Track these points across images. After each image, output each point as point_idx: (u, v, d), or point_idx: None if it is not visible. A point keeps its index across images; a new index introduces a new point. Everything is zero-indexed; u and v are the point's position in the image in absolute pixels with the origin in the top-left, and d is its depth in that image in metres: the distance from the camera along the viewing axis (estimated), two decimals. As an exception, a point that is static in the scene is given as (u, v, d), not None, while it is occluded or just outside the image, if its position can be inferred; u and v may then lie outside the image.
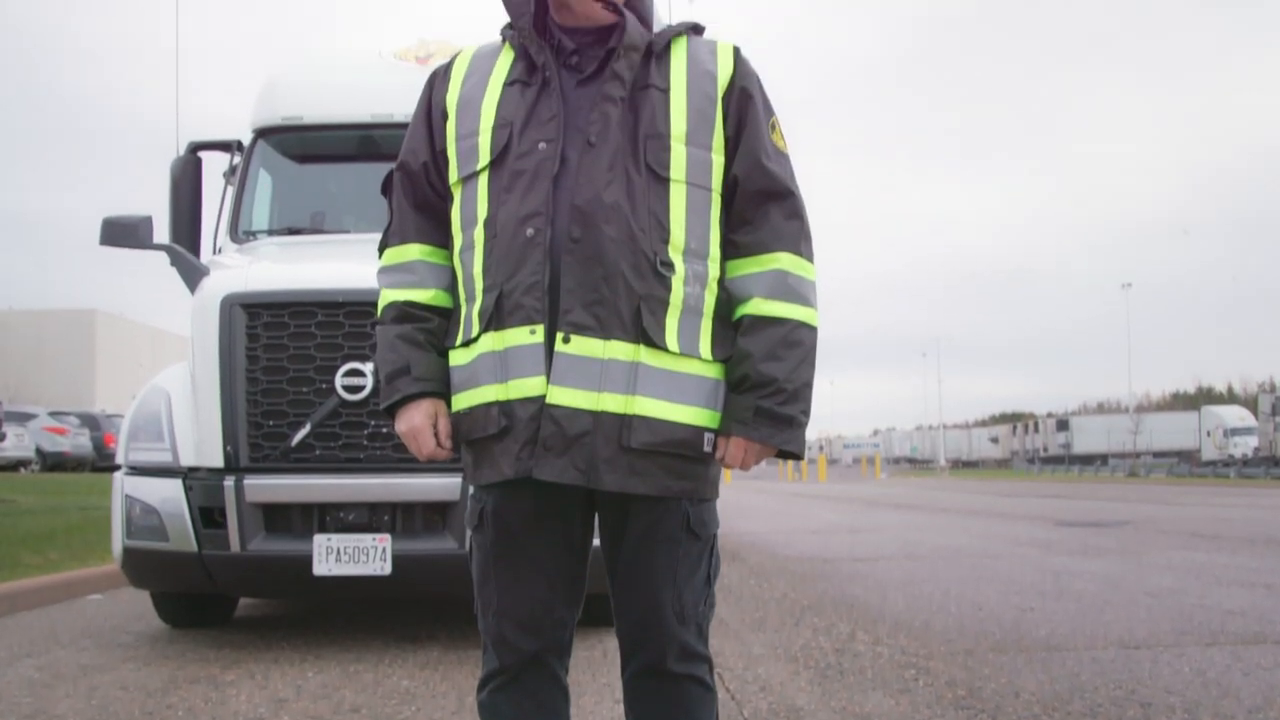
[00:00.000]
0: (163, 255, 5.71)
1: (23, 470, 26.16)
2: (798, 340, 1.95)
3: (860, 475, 56.10)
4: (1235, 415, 55.27)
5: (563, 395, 1.85)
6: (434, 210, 2.07)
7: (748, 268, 1.97)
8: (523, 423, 1.86)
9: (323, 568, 4.67)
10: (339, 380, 4.81)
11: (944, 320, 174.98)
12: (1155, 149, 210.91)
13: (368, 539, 4.69)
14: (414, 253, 2.06)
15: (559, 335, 1.85)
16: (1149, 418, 67.91)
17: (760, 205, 1.98)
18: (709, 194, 1.96)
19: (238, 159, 6.19)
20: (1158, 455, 56.38)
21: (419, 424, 2.00)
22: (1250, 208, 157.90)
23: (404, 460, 4.69)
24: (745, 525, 14.46)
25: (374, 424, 4.79)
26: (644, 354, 1.88)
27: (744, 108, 1.98)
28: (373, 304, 2.17)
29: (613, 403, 1.86)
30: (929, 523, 15.06)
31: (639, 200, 1.90)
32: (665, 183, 1.92)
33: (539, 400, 1.85)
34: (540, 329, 1.86)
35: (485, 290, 1.93)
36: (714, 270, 1.97)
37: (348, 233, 5.99)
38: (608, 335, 1.86)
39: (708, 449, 1.94)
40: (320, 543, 4.68)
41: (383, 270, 2.10)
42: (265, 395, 4.83)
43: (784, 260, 1.97)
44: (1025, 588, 7.23)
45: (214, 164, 6.33)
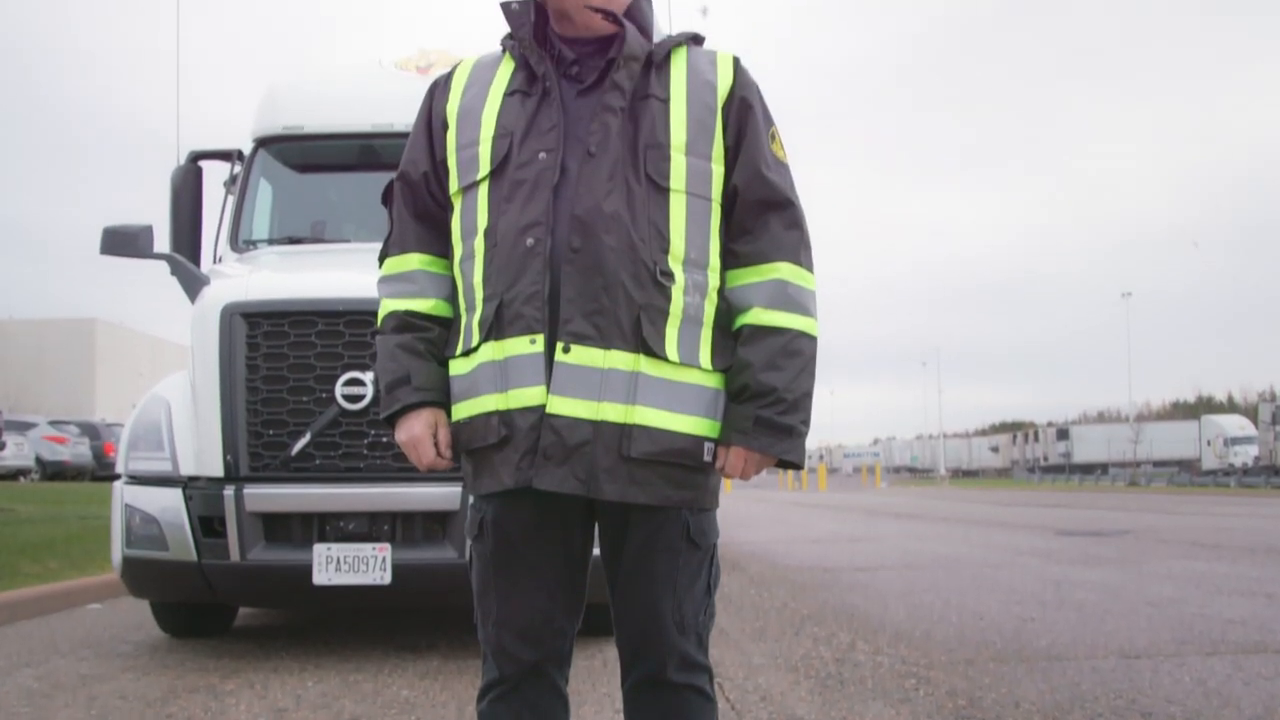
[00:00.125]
0: (163, 264, 5.71)
1: (22, 479, 26.15)
2: (798, 350, 1.96)
3: (860, 484, 56.09)
4: (1235, 424, 55.18)
5: (563, 405, 1.85)
6: (434, 220, 2.07)
7: (748, 277, 1.98)
8: (523, 432, 1.87)
9: (322, 577, 4.67)
10: (339, 389, 4.82)
11: (944, 329, 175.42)
12: (1156, 159, 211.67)
13: (368, 548, 4.69)
14: (414, 262, 2.07)
15: (559, 345, 1.85)
16: (1149, 427, 67.95)
17: (760, 215, 1.98)
18: (709, 204, 1.97)
19: (238, 168, 6.20)
20: (1158, 464, 56.22)
21: (419, 433, 2.00)
22: (1251, 218, 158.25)
23: (404, 470, 4.69)
24: (745, 535, 14.45)
25: (374, 433, 4.79)
26: (644, 363, 1.88)
27: (744, 118, 1.99)
28: (373, 313, 2.18)
29: (613, 412, 1.86)
30: (929, 532, 15.05)
31: (639, 210, 1.90)
32: (665, 192, 1.92)
33: (539, 410, 1.85)
34: (540, 338, 1.86)
35: (485, 300, 1.93)
36: (714, 280, 1.97)
37: (348, 242, 5.99)
38: (608, 345, 1.86)
39: (708, 459, 1.94)
40: (320, 552, 4.68)
41: (383, 280, 2.10)
42: (265, 404, 4.84)
43: (784, 270, 1.97)
44: (1026, 597, 7.22)
45: (215, 173, 6.35)
